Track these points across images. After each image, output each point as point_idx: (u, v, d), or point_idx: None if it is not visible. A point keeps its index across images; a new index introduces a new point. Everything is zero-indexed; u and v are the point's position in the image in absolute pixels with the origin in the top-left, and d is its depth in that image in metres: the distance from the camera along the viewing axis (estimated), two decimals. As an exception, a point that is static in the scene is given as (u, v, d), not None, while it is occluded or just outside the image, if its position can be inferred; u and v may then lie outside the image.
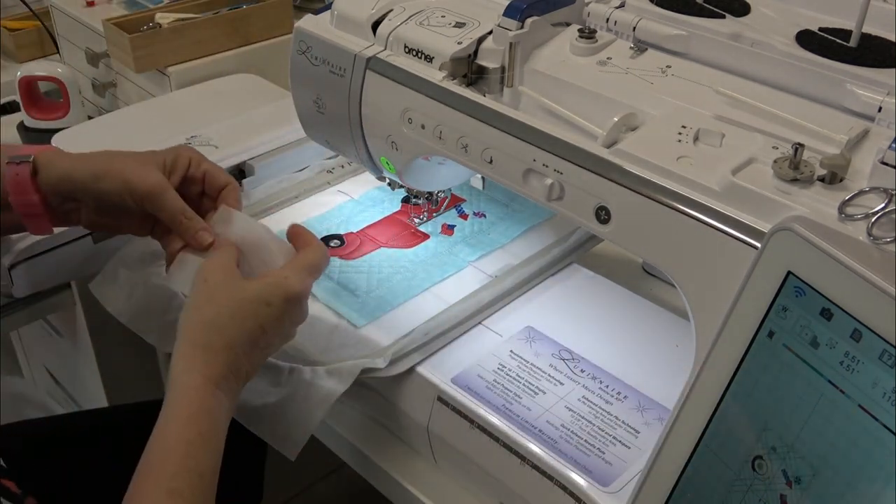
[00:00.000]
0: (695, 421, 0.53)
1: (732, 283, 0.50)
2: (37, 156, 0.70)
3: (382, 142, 0.78)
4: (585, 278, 0.84)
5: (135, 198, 0.69)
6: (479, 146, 0.69)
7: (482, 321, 0.78)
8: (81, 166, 0.70)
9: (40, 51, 1.43)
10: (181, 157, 0.72)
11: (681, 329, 0.77)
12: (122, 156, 0.71)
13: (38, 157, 0.70)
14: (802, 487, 0.47)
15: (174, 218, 0.68)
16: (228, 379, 0.60)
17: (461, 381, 0.71)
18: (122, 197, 0.69)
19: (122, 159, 0.70)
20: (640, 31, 0.71)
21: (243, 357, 0.61)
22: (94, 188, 0.69)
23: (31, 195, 0.69)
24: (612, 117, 0.63)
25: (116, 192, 0.69)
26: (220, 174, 0.73)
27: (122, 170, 0.69)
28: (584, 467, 0.64)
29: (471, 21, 0.73)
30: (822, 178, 0.56)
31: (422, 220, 0.92)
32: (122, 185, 0.68)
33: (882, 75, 0.62)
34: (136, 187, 0.68)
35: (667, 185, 0.59)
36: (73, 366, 1.31)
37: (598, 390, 0.71)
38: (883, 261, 0.46)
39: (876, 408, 0.43)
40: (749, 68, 0.66)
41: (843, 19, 0.70)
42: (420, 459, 0.75)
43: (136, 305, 0.82)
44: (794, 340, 0.47)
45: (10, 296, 0.85)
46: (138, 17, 1.23)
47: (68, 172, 0.70)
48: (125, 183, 0.68)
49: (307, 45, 0.79)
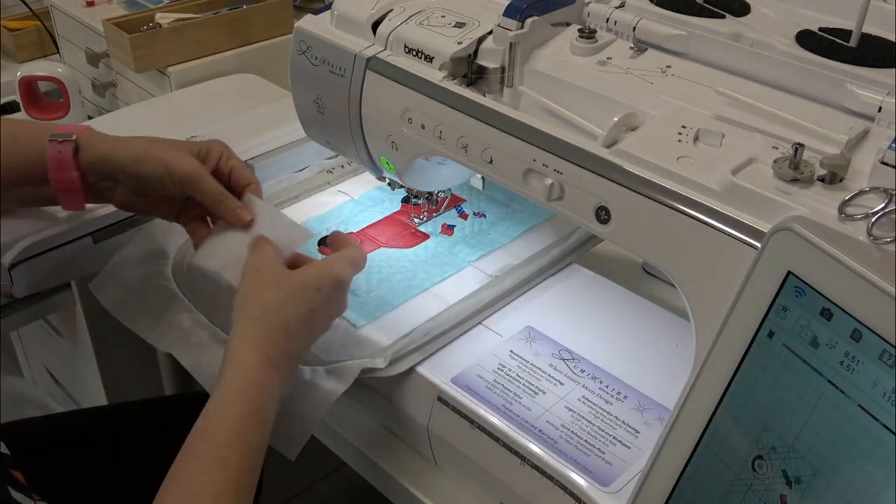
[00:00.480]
0: (695, 421, 0.53)
1: (732, 283, 0.50)
2: (78, 135, 0.74)
3: (382, 142, 0.78)
4: (585, 278, 0.84)
5: (174, 181, 0.73)
6: (479, 146, 0.69)
7: (482, 321, 0.78)
8: (123, 148, 0.74)
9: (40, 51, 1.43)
10: (213, 150, 0.76)
11: (681, 329, 0.77)
12: (160, 142, 0.75)
13: (80, 137, 0.74)
14: (802, 487, 0.47)
15: (213, 198, 0.73)
16: (283, 359, 0.63)
17: (461, 381, 0.71)
18: (162, 180, 0.73)
19: (161, 145, 0.74)
20: (640, 31, 0.71)
21: (296, 338, 0.64)
22: (134, 170, 0.73)
23: (71, 172, 0.74)
24: (612, 117, 0.63)
25: (157, 176, 0.73)
26: (245, 172, 0.77)
27: (162, 154, 0.73)
28: (584, 467, 0.64)
29: (471, 21, 0.73)
30: (822, 178, 0.56)
31: (422, 220, 0.92)
32: (162, 168, 0.72)
33: (882, 75, 0.62)
34: (175, 171, 0.72)
35: (667, 185, 0.59)
36: (73, 366, 1.31)
37: (598, 390, 0.71)
38: (883, 261, 0.46)
39: (876, 408, 0.43)
40: (749, 68, 0.66)
41: (843, 19, 0.70)
42: (420, 459, 0.75)
43: (136, 305, 0.82)
44: (794, 340, 0.47)
45: (10, 296, 0.85)
46: (138, 17, 1.23)
47: (109, 153, 0.74)
48: (166, 167, 0.72)
49: (307, 45, 0.79)
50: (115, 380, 1.23)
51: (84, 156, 0.74)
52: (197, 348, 0.76)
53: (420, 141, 0.74)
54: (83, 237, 0.86)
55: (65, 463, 0.89)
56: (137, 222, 0.89)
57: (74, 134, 0.74)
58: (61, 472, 0.88)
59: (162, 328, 0.80)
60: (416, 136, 0.74)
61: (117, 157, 0.74)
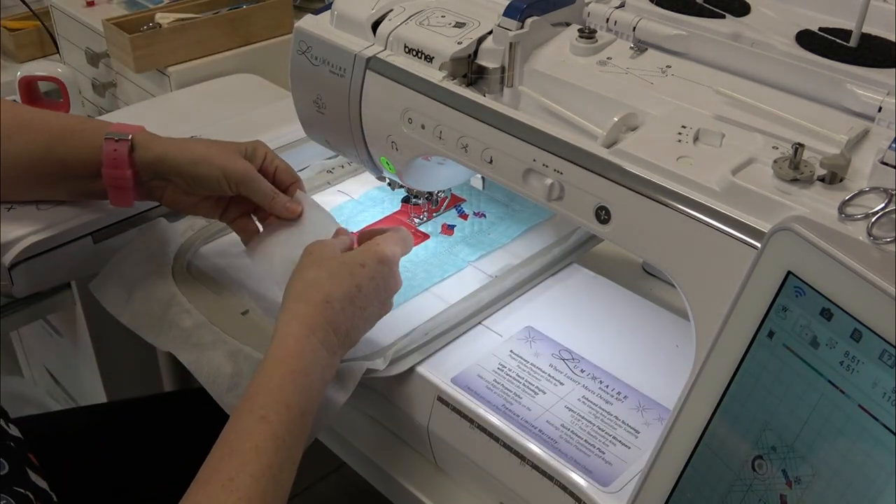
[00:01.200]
0: (695, 421, 0.53)
1: (732, 283, 0.50)
2: (134, 135, 0.78)
3: (382, 142, 0.78)
4: (585, 278, 0.84)
5: (230, 182, 0.77)
6: (479, 146, 0.69)
7: (482, 321, 0.78)
8: (179, 151, 0.78)
9: (40, 51, 1.43)
10: (258, 151, 0.80)
11: (681, 329, 0.77)
12: (215, 145, 0.79)
13: (136, 137, 0.78)
14: (802, 487, 0.47)
15: (266, 196, 0.78)
16: (326, 331, 0.66)
17: (461, 381, 0.71)
18: (218, 181, 0.77)
19: (216, 148, 0.78)
20: (640, 31, 0.71)
21: (340, 313, 0.66)
22: (191, 171, 0.78)
23: (125, 170, 0.78)
24: (612, 117, 0.63)
25: (214, 178, 0.77)
26: (289, 171, 0.82)
27: (219, 157, 0.77)
28: (584, 467, 0.64)
29: (471, 21, 0.73)
30: (822, 178, 0.56)
31: (422, 220, 0.92)
32: (219, 171, 0.77)
33: (882, 75, 0.62)
34: (233, 174, 0.77)
35: (667, 185, 0.59)
36: (73, 366, 1.31)
37: (598, 390, 0.71)
38: (883, 261, 0.46)
39: (876, 408, 0.43)
40: (749, 68, 0.66)
41: (843, 19, 0.70)
42: (420, 459, 0.75)
43: (136, 305, 0.82)
44: (794, 340, 0.47)
45: (10, 296, 0.85)
46: (138, 17, 1.23)
47: (165, 154, 0.78)
48: (223, 169, 0.77)
49: (307, 45, 0.79)
50: (115, 380, 1.24)
51: (139, 155, 0.78)
52: (197, 348, 0.76)
53: (420, 141, 0.74)
54: (83, 237, 0.86)
55: (64, 459, 0.90)
56: (137, 222, 0.89)
57: (130, 134, 0.78)
58: (61, 468, 0.88)
59: (162, 328, 0.80)
60: (416, 136, 0.74)
61: (173, 158, 0.77)
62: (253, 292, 0.83)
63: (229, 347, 0.74)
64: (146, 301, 0.82)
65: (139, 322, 0.82)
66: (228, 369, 0.73)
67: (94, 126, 0.80)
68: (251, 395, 0.62)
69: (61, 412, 1.06)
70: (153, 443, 0.97)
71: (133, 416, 1.01)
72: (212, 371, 0.74)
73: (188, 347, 0.76)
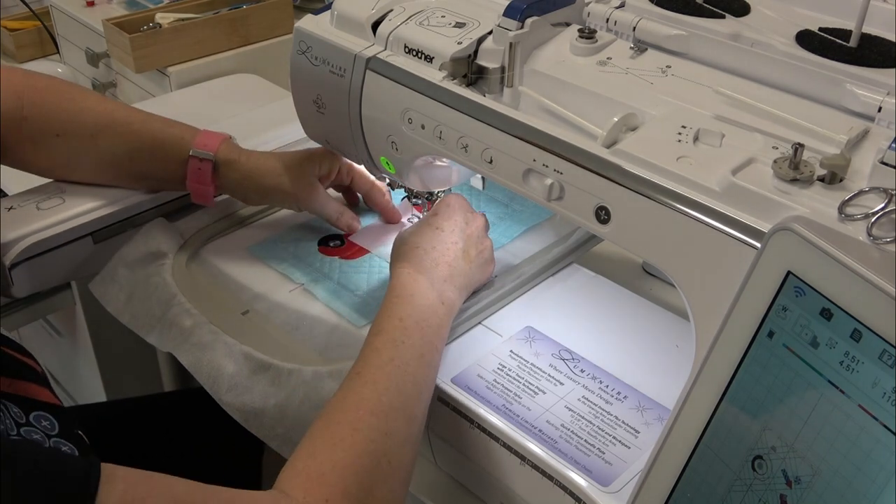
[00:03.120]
0: (695, 421, 0.53)
1: (732, 283, 0.50)
2: (216, 155, 0.84)
3: (382, 142, 0.78)
4: (585, 278, 0.84)
5: (300, 209, 0.89)
6: (479, 146, 0.69)
7: (482, 321, 0.78)
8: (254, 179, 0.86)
9: (40, 51, 1.44)
10: (333, 166, 0.88)
11: (681, 329, 0.77)
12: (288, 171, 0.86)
13: (218, 157, 0.84)
14: (802, 487, 0.47)
15: (331, 218, 0.89)
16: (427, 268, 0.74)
17: (461, 381, 0.71)
18: (290, 206, 0.89)
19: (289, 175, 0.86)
20: (640, 31, 0.71)
21: (429, 254, 0.75)
22: (264, 199, 0.89)
23: (208, 186, 0.85)
24: (612, 117, 0.63)
25: (287, 203, 0.89)
26: (364, 178, 0.91)
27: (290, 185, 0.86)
28: (584, 467, 0.64)
29: (471, 21, 0.73)
30: (821, 178, 0.56)
31: (422, 220, 0.92)
32: (291, 201, 0.87)
33: (882, 75, 0.62)
34: (302, 204, 0.87)
35: (667, 185, 0.59)
36: (73, 365, 1.31)
37: (598, 390, 0.71)
38: (883, 261, 0.46)
39: (876, 408, 0.43)
40: (749, 68, 0.66)
41: (843, 19, 0.70)
42: (420, 459, 0.75)
43: (136, 305, 0.82)
44: (794, 340, 0.47)
45: (11, 296, 0.85)
46: (138, 17, 1.23)
47: (244, 178, 0.86)
48: (295, 200, 0.87)
49: (307, 45, 0.79)
50: (115, 379, 1.24)
51: (222, 175, 0.85)
52: (197, 348, 0.76)
53: (420, 141, 0.74)
54: (83, 237, 0.86)
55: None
56: (137, 222, 0.89)
57: (213, 153, 0.84)
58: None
59: (162, 328, 0.80)
60: (416, 136, 0.74)
61: (251, 184, 0.86)
62: (253, 292, 0.83)
63: (229, 347, 0.75)
64: (146, 301, 0.82)
65: (139, 322, 0.82)
66: (228, 369, 0.73)
67: (178, 136, 0.85)
68: (371, 334, 0.69)
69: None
70: (153, 443, 0.97)
71: (133, 416, 1.01)
72: (212, 371, 0.74)
73: (188, 347, 0.76)
